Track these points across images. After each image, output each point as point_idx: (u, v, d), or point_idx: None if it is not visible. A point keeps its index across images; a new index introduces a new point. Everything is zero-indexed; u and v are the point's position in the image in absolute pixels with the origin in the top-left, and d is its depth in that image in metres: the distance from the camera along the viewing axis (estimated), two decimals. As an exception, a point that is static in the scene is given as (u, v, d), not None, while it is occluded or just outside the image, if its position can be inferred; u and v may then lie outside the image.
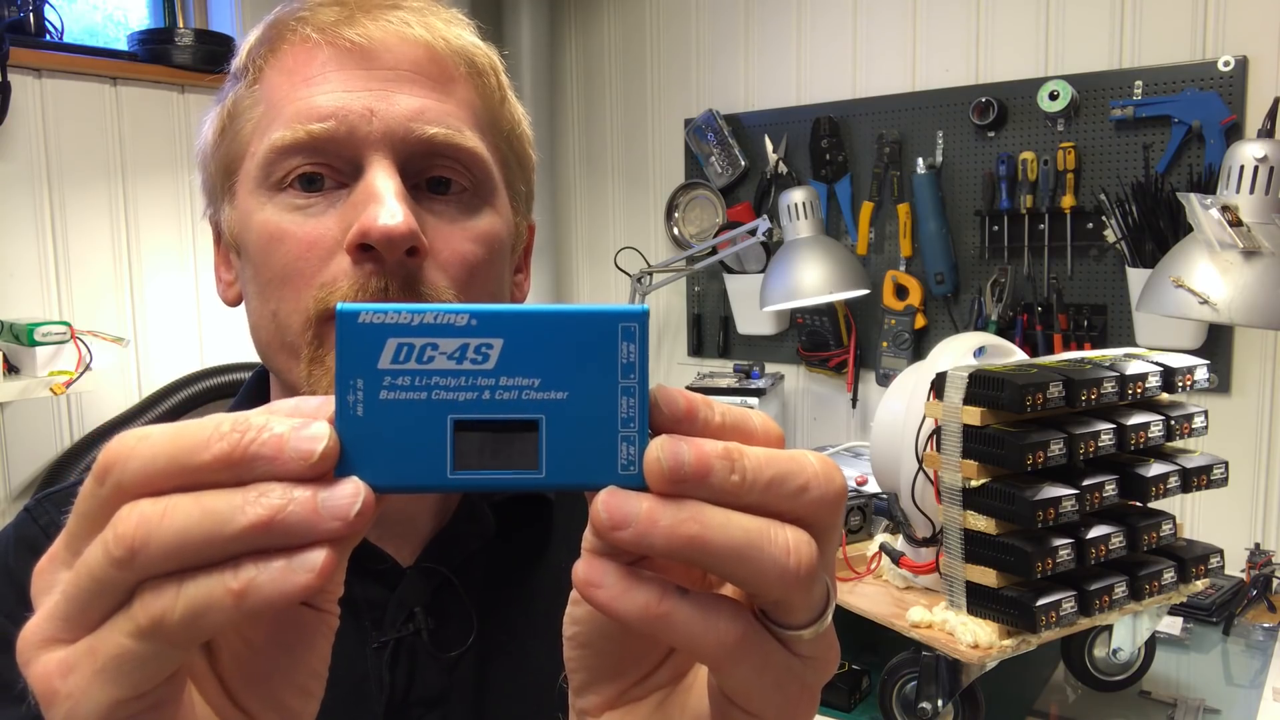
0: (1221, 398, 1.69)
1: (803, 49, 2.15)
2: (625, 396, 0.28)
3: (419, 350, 0.28)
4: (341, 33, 0.55)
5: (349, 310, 0.28)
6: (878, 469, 1.23)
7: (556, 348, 0.28)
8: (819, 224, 1.96)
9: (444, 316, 0.28)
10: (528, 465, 0.28)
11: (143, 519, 0.26)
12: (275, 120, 0.55)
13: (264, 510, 0.26)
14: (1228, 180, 1.39)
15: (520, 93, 2.62)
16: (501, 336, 0.28)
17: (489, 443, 0.28)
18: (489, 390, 0.28)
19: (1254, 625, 1.40)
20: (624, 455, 0.28)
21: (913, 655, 1.07)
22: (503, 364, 0.28)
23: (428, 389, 0.28)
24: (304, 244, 0.54)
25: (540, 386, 0.28)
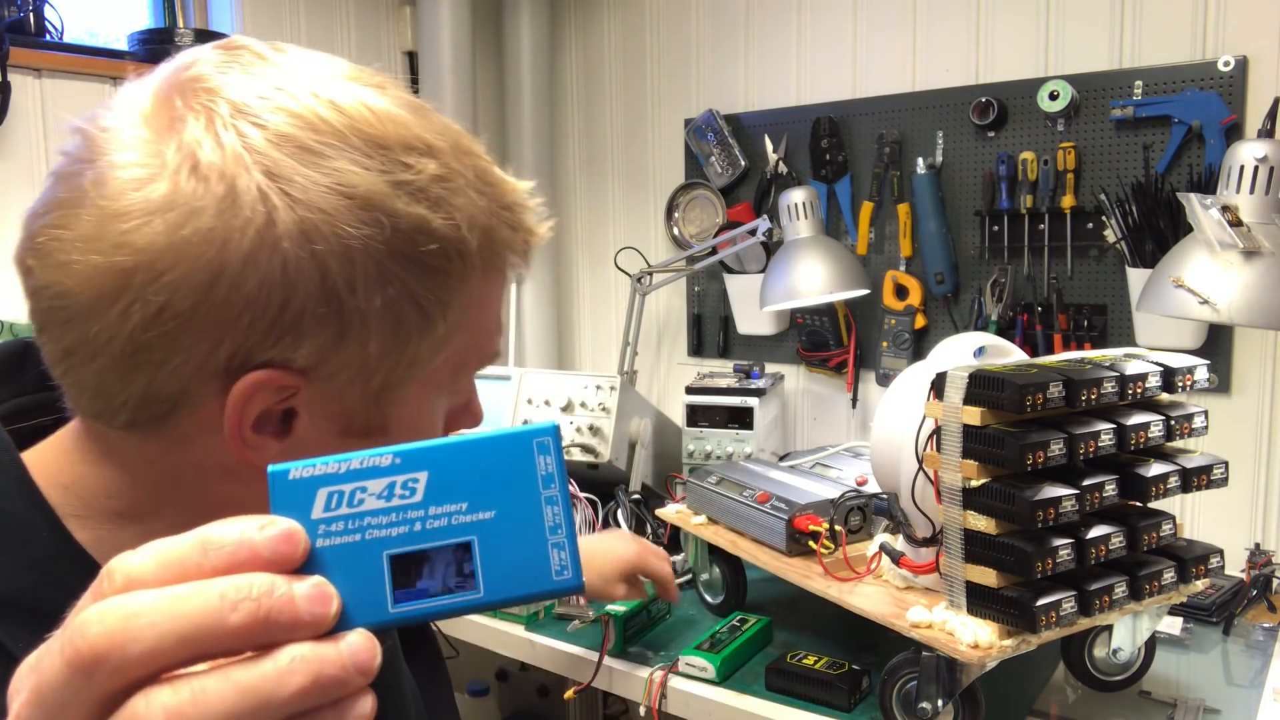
0: (1221, 398, 1.69)
1: (803, 49, 2.15)
2: (549, 506, 0.30)
3: (349, 495, 0.29)
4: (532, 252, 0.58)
5: (279, 470, 0.29)
6: (878, 469, 1.23)
7: (478, 472, 0.29)
8: (819, 224, 1.96)
9: (369, 460, 0.29)
10: (465, 587, 0.29)
11: (170, 714, 0.25)
12: (486, 345, 0.57)
13: (305, 679, 0.26)
14: (1228, 180, 1.39)
15: (520, 93, 2.63)
16: (425, 469, 0.29)
17: (428, 571, 0.29)
18: (420, 521, 0.29)
19: (1254, 625, 1.40)
20: (556, 561, 0.29)
21: (913, 655, 1.07)
22: (430, 494, 0.29)
23: (361, 530, 0.29)
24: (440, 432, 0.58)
25: (468, 509, 0.29)
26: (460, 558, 0.29)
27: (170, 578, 0.27)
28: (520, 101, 2.46)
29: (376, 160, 0.47)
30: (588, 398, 1.85)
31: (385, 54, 2.39)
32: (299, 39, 2.18)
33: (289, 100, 0.46)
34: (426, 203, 0.48)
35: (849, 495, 1.34)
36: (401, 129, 0.49)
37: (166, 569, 0.27)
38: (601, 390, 1.84)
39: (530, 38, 2.43)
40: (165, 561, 0.27)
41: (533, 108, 2.46)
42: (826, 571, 1.23)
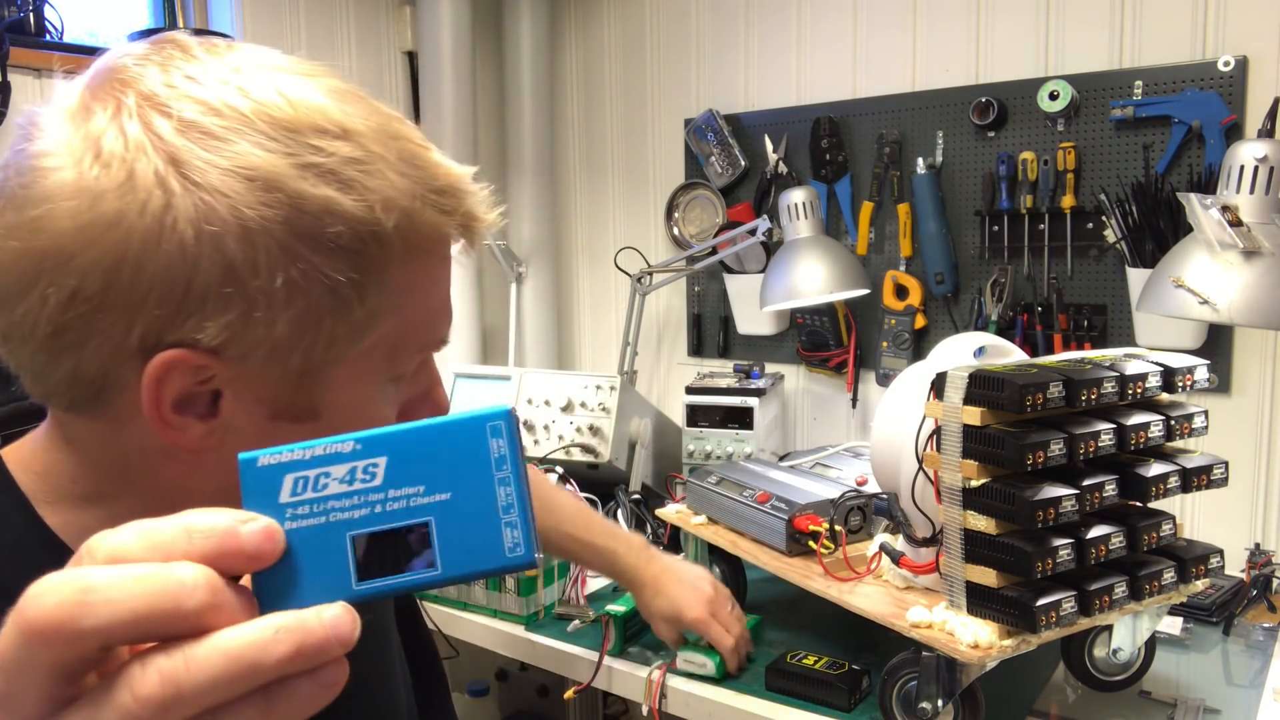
0: (1221, 398, 1.69)
1: (803, 49, 2.15)
2: (502, 487, 0.31)
3: (314, 480, 0.31)
4: (472, 245, 0.58)
5: (249, 457, 0.31)
6: (878, 469, 1.23)
7: (435, 456, 0.31)
8: (819, 224, 1.96)
9: (332, 447, 0.31)
10: (424, 565, 0.31)
11: (165, 675, 0.27)
12: (424, 329, 0.57)
13: (288, 648, 0.28)
14: (1228, 180, 1.39)
15: (520, 93, 2.62)
16: (385, 454, 0.31)
17: (387, 551, 0.31)
18: (380, 504, 0.31)
19: (1254, 625, 1.40)
20: (509, 539, 0.31)
21: (913, 655, 1.07)
22: (389, 478, 0.31)
23: (325, 513, 0.31)
24: (392, 420, 0.57)
25: (425, 492, 0.31)
26: (419, 538, 0.31)
27: (154, 560, 0.28)
28: (520, 101, 2.46)
29: (282, 143, 0.47)
30: (588, 398, 1.85)
31: (385, 54, 2.39)
32: (299, 39, 2.18)
33: (198, 89, 0.47)
34: (336, 184, 0.48)
35: (849, 495, 1.34)
36: (315, 113, 0.49)
37: (151, 551, 0.28)
38: (601, 390, 1.84)
39: (530, 37, 2.43)
40: (150, 543, 0.28)
41: (533, 108, 2.46)
42: (826, 571, 1.23)
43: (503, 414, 0.31)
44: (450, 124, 2.28)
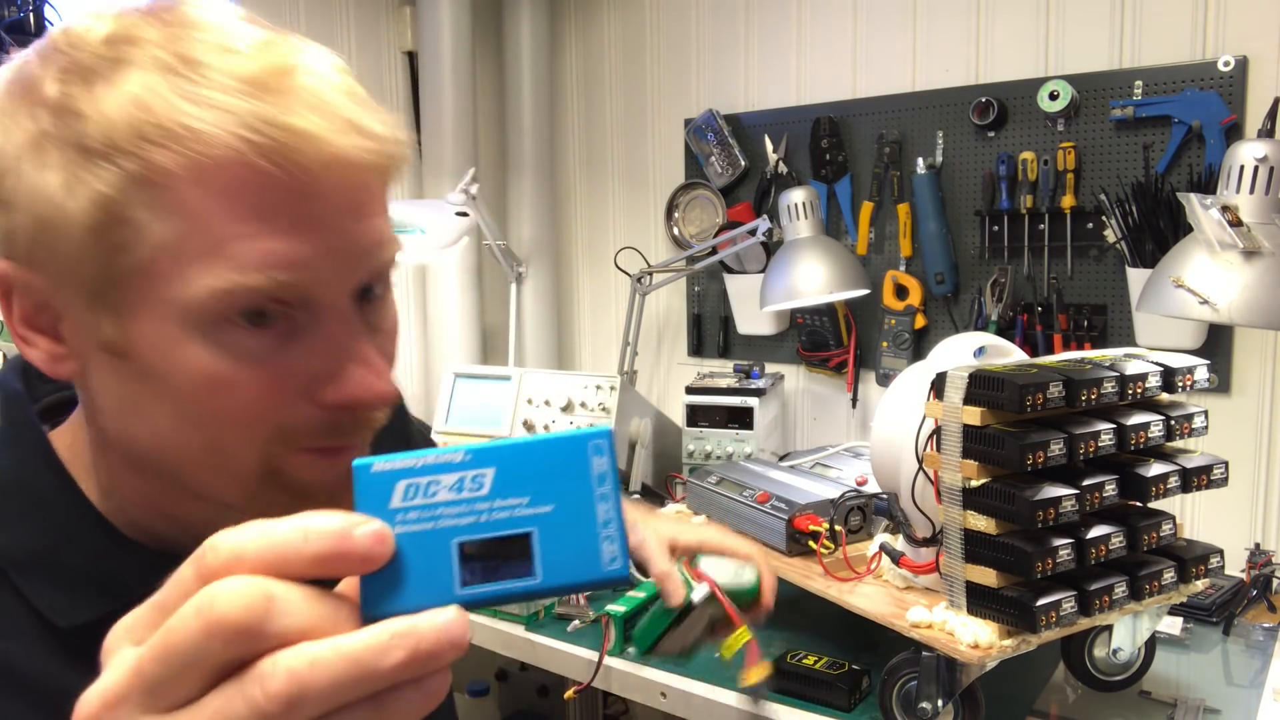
0: (1221, 398, 1.69)
1: (803, 49, 2.15)
2: (602, 503, 0.32)
3: (424, 487, 0.32)
4: (294, 161, 0.47)
5: (363, 464, 0.33)
6: (878, 469, 1.23)
7: (540, 469, 0.32)
8: (819, 224, 1.96)
9: (444, 456, 0.33)
10: (525, 573, 0.32)
11: (292, 675, 0.28)
12: (219, 255, 0.47)
13: (404, 654, 0.29)
14: (1228, 180, 1.39)
15: (520, 93, 2.62)
16: (493, 466, 0.32)
17: (490, 559, 0.32)
18: (486, 512, 0.32)
19: (1254, 625, 1.40)
20: (607, 553, 0.32)
21: (913, 655, 1.07)
22: (496, 489, 0.32)
23: (434, 519, 0.32)
24: (262, 392, 0.50)
25: (529, 504, 0.32)
26: (521, 547, 0.32)
27: (273, 559, 0.30)
28: (520, 101, 2.46)
29: (47, 51, 0.49)
30: (588, 398, 1.85)
31: (385, 54, 2.39)
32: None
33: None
34: (82, 83, 0.47)
35: (849, 495, 1.34)
36: (101, 21, 0.49)
37: (270, 549, 0.30)
38: (601, 390, 1.84)
39: (530, 38, 2.43)
40: (269, 543, 0.30)
41: (533, 108, 2.46)
42: (826, 571, 1.23)
43: (604, 434, 0.33)
44: (450, 124, 2.28)
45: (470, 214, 2.01)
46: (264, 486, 0.53)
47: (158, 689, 0.29)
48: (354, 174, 0.50)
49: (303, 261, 0.48)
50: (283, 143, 0.47)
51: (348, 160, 0.50)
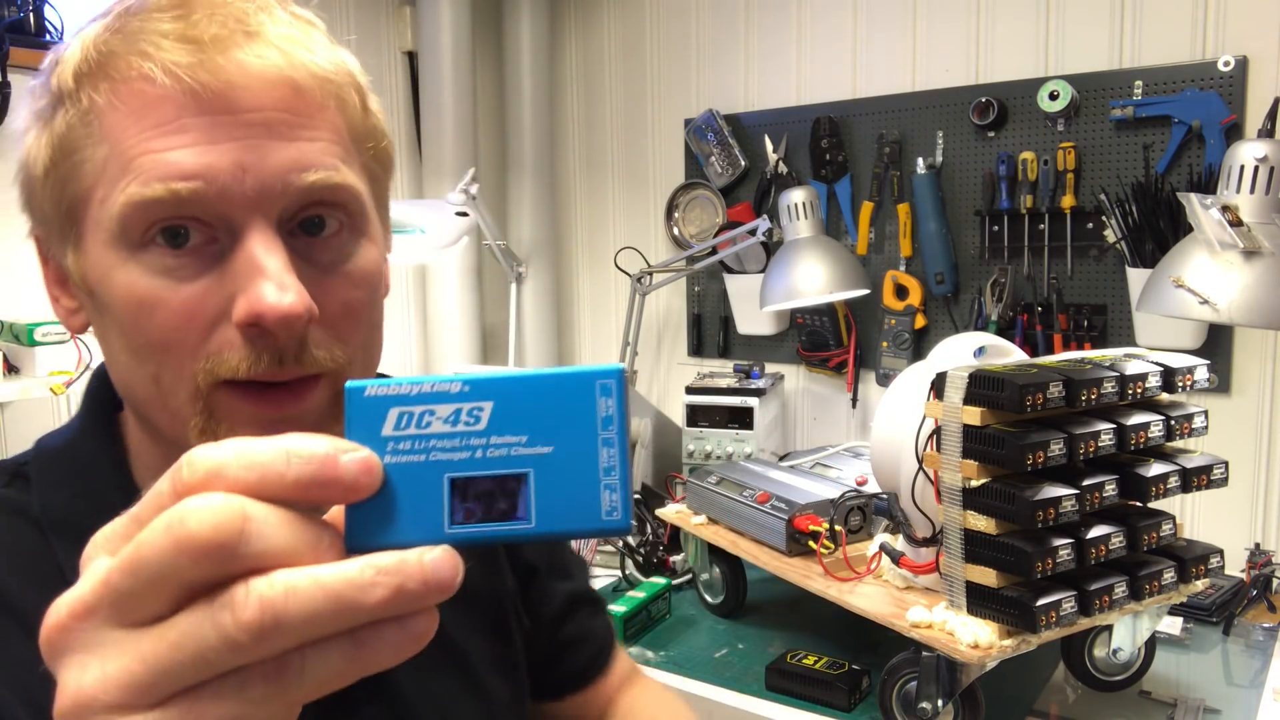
0: (1221, 398, 1.69)
1: (803, 49, 2.15)
2: (605, 448, 0.30)
3: (418, 417, 0.30)
4: (198, 76, 0.50)
5: (356, 386, 0.31)
6: (878, 469, 1.23)
7: (541, 407, 0.30)
8: (819, 224, 1.96)
9: (440, 385, 0.31)
10: (518, 516, 0.30)
11: (265, 603, 0.27)
12: (128, 171, 0.50)
13: (386, 592, 0.27)
14: (1228, 180, 1.39)
15: (520, 93, 2.61)
16: (491, 399, 0.30)
17: (482, 497, 0.30)
18: (481, 449, 0.30)
19: (1254, 625, 1.40)
20: (607, 502, 0.30)
21: (913, 655, 1.07)
22: (493, 424, 0.30)
23: (426, 451, 0.30)
24: (182, 313, 0.51)
25: (528, 443, 0.30)
26: (516, 488, 0.30)
27: (251, 479, 0.28)
28: (520, 101, 2.46)
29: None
30: (588, 398, 1.84)
31: (385, 54, 2.39)
32: (299, 39, 2.18)
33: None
34: (61, 64, 0.53)
35: (849, 495, 1.34)
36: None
37: (249, 470, 0.28)
38: (601, 390, 1.84)
39: (530, 38, 2.43)
40: (249, 462, 0.28)
41: (533, 108, 2.46)
42: (826, 571, 1.23)
43: (615, 372, 0.30)
44: (450, 124, 2.28)
45: (470, 214, 2.01)
46: (210, 433, 0.53)
47: (125, 603, 0.28)
48: (269, 92, 0.51)
49: (205, 173, 0.50)
50: (189, 60, 0.50)
51: (261, 77, 0.51)
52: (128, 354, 0.54)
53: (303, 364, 0.53)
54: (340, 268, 0.55)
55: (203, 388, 0.52)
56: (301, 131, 0.53)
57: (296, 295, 0.50)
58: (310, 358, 0.53)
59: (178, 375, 0.52)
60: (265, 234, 0.51)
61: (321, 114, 0.54)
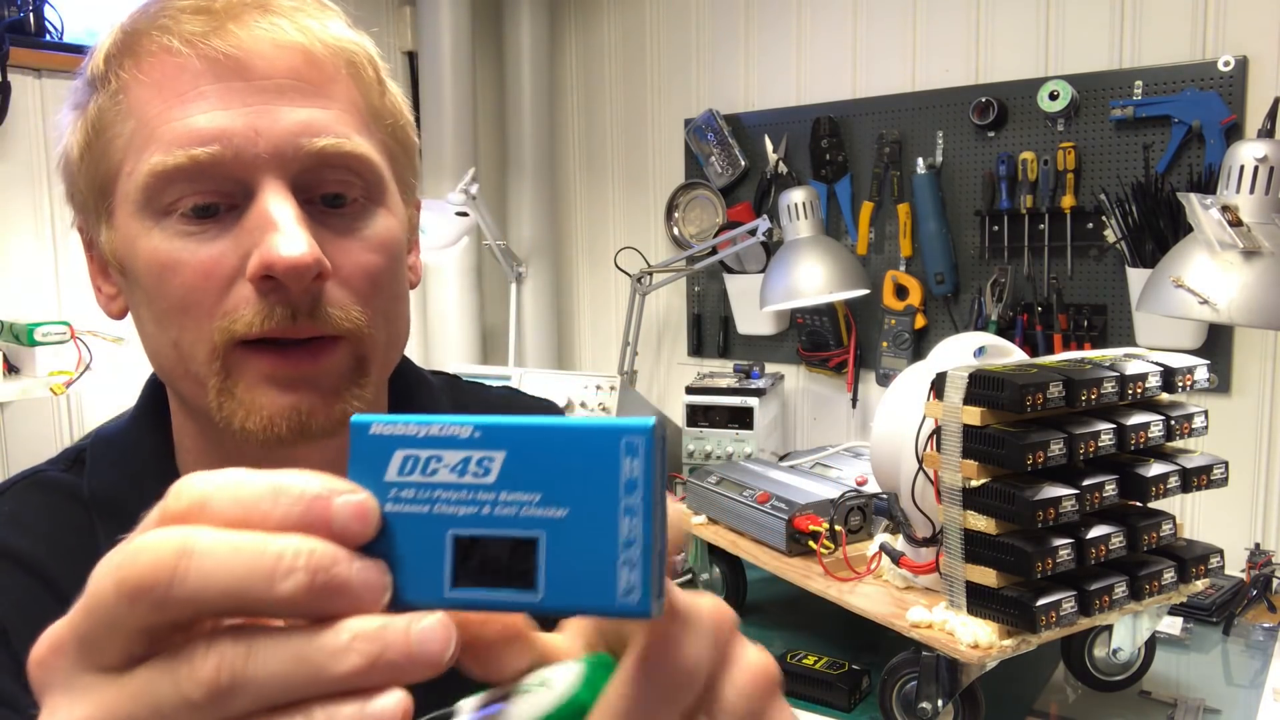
0: (1221, 398, 1.69)
1: (803, 49, 2.15)
2: (628, 517, 0.26)
3: (424, 462, 0.27)
4: (212, 44, 0.52)
5: (362, 422, 0.28)
6: (878, 469, 1.23)
7: (558, 462, 0.27)
8: (819, 224, 1.96)
9: (449, 429, 0.27)
10: (524, 585, 0.26)
11: (223, 663, 0.24)
12: (151, 141, 0.53)
13: (361, 660, 0.25)
14: (1228, 180, 1.39)
15: (520, 93, 2.61)
16: (504, 449, 0.27)
17: (488, 560, 0.27)
18: (489, 505, 0.27)
19: (1254, 625, 1.40)
20: (624, 581, 0.26)
21: (913, 655, 1.07)
22: (504, 478, 0.27)
23: (430, 502, 0.27)
24: (200, 272, 0.53)
25: (540, 503, 0.27)
26: (526, 553, 0.26)
27: (235, 515, 0.26)
28: (520, 101, 2.45)
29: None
30: (588, 398, 1.85)
31: (385, 54, 2.38)
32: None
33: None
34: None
35: (849, 495, 1.34)
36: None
37: (235, 504, 0.26)
38: (601, 390, 1.84)
39: (530, 38, 2.43)
40: (235, 496, 0.26)
41: (533, 108, 2.46)
42: (826, 571, 1.23)
43: (643, 429, 0.26)
44: (450, 124, 2.28)
45: (470, 214, 2.01)
46: (227, 393, 0.54)
47: (86, 647, 0.26)
48: (282, 59, 0.54)
49: (221, 137, 0.52)
50: (204, 29, 0.52)
51: (274, 43, 0.53)
52: (153, 322, 0.56)
53: (317, 321, 0.54)
54: (358, 232, 0.57)
55: (219, 347, 0.53)
56: (314, 99, 0.55)
57: (306, 247, 0.51)
58: (325, 315, 0.54)
59: (196, 336, 0.54)
60: (278, 192, 0.53)
61: (334, 85, 0.56)
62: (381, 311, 0.57)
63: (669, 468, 1.94)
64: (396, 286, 0.59)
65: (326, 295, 0.54)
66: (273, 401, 0.54)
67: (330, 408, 0.55)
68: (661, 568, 0.26)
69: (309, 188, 0.55)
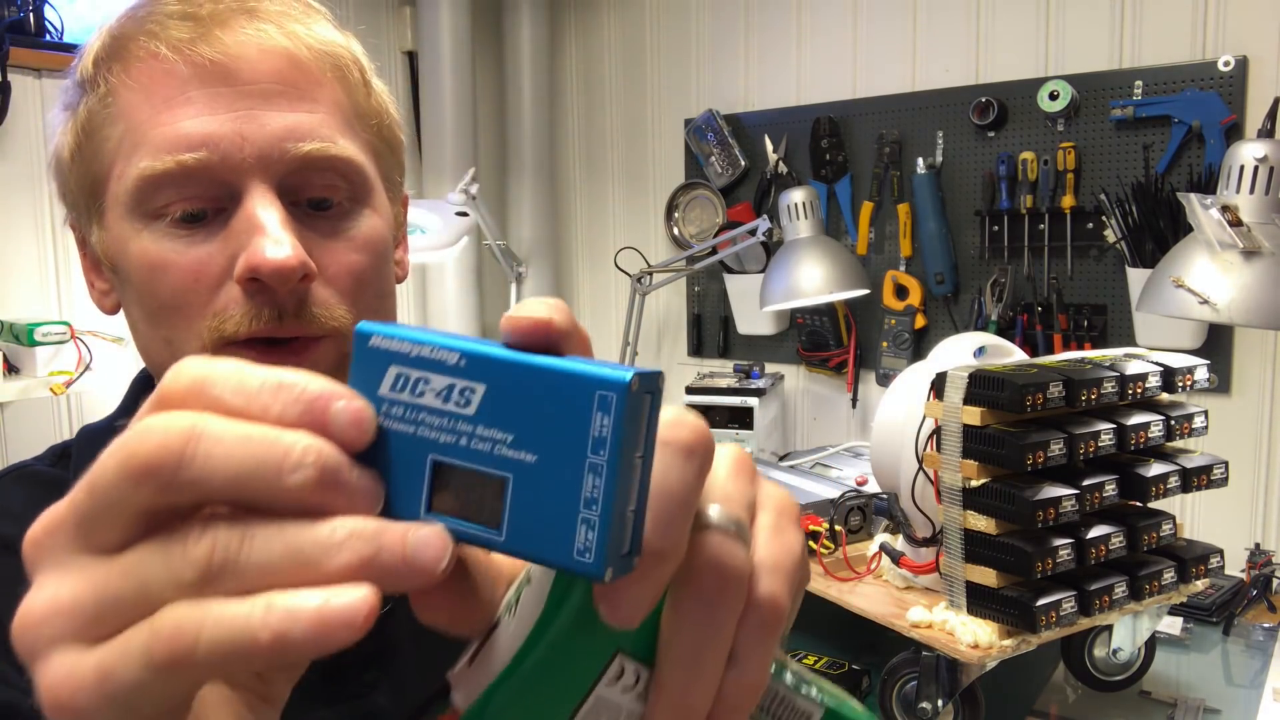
0: (1221, 398, 1.69)
1: (803, 49, 2.15)
2: (592, 474, 0.25)
3: (413, 382, 0.27)
4: (199, 50, 0.53)
5: (365, 331, 0.28)
6: (878, 469, 1.23)
7: (533, 405, 0.26)
8: (819, 224, 1.96)
9: (438, 352, 0.27)
10: (490, 523, 0.26)
11: (217, 544, 0.24)
12: (140, 145, 0.54)
13: (354, 558, 0.24)
14: (1228, 180, 1.39)
15: (520, 93, 2.61)
16: (485, 382, 0.26)
17: (462, 491, 0.26)
18: (467, 437, 0.26)
19: (1254, 625, 1.40)
20: (581, 539, 0.25)
21: (913, 655, 1.07)
22: (482, 412, 0.26)
23: (415, 423, 0.27)
24: (189, 274, 0.54)
25: (512, 444, 0.26)
26: (494, 492, 0.26)
27: (235, 404, 0.25)
28: (520, 101, 2.46)
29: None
30: (588, 398, 1.84)
31: (385, 54, 2.39)
32: (299, 39, 2.18)
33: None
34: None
35: (849, 495, 1.34)
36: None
37: (236, 393, 0.26)
38: (601, 390, 1.84)
39: (530, 38, 2.43)
40: (237, 385, 0.26)
41: (533, 108, 2.46)
42: (827, 571, 1.23)
43: (619, 384, 0.25)
44: (450, 124, 2.28)
45: (470, 214, 2.01)
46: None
47: (86, 525, 0.26)
48: (267, 64, 0.54)
49: (208, 142, 0.53)
50: (190, 35, 0.53)
51: (258, 48, 0.54)
52: (145, 321, 0.57)
53: (303, 321, 0.54)
54: (343, 233, 0.57)
55: (209, 345, 0.54)
56: (300, 103, 0.55)
57: (291, 249, 0.52)
58: (310, 315, 0.55)
59: (187, 336, 0.55)
60: (264, 196, 0.54)
61: (319, 88, 0.57)
62: (367, 309, 0.58)
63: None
64: (382, 284, 0.60)
65: (312, 296, 0.55)
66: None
67: None
68: (632, 530, 0.25)
69: (295, 191, 0.56)
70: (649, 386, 0.25)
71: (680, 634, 0.27)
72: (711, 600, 0.27)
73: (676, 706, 0.27)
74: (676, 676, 0.27)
